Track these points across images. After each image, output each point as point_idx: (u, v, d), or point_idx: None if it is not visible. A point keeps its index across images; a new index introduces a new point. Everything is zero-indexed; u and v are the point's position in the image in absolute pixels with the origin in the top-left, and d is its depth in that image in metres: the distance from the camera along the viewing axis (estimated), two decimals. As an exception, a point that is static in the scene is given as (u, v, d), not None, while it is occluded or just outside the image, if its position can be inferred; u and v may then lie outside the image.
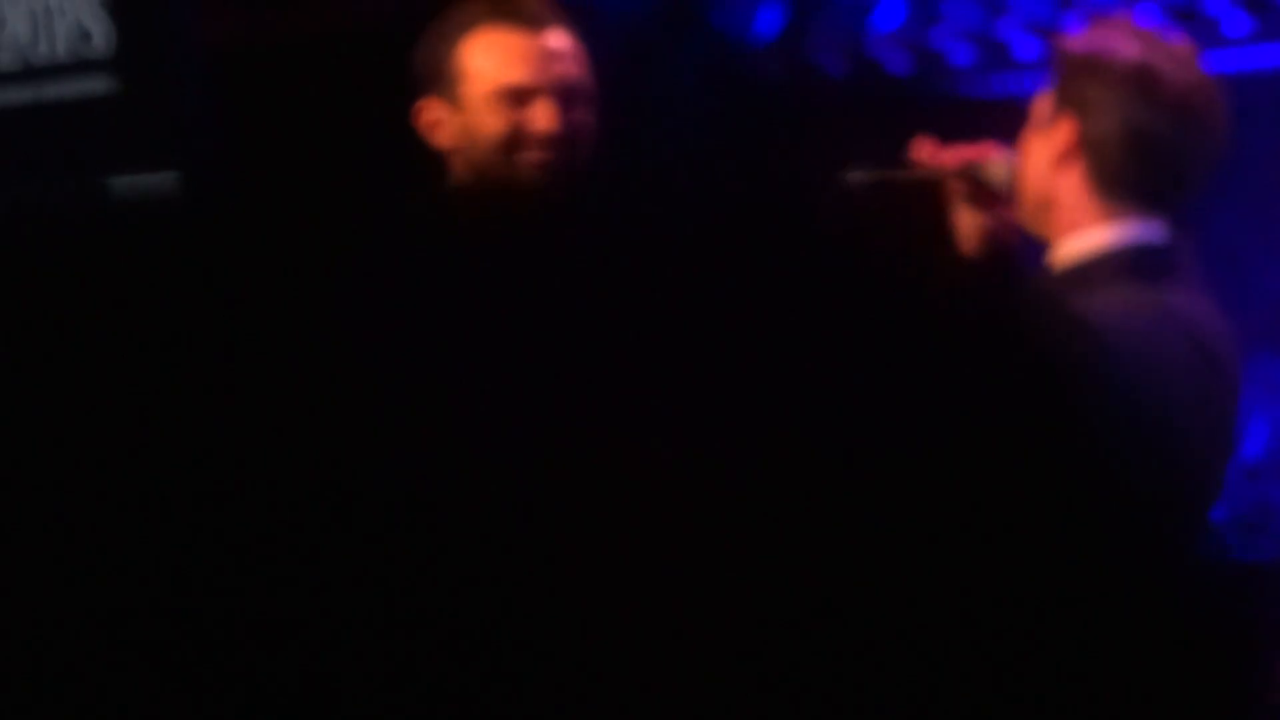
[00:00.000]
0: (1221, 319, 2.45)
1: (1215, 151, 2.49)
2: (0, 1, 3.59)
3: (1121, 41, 2.51)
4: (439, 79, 2.83)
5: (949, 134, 2.71)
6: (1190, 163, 2.48)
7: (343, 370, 0.62)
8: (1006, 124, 2.67)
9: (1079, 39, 2.56)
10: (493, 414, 0.62)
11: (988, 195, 2.61)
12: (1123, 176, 2.46)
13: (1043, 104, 2.54)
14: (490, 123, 2.81)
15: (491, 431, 0.62)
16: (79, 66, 3.53)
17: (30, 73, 3.59)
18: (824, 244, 0.66)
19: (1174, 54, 2.51)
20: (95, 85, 3.51)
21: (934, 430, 0.63)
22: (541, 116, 2.79)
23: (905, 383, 0.63)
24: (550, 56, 2.82)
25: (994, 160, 2.63)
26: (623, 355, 0.63)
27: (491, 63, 2.81)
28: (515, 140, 2.80)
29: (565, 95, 2.81)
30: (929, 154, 2.63)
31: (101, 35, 3.51)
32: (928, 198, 2.60)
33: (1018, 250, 2.57)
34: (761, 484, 0.62)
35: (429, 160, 2.81)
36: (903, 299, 0.65)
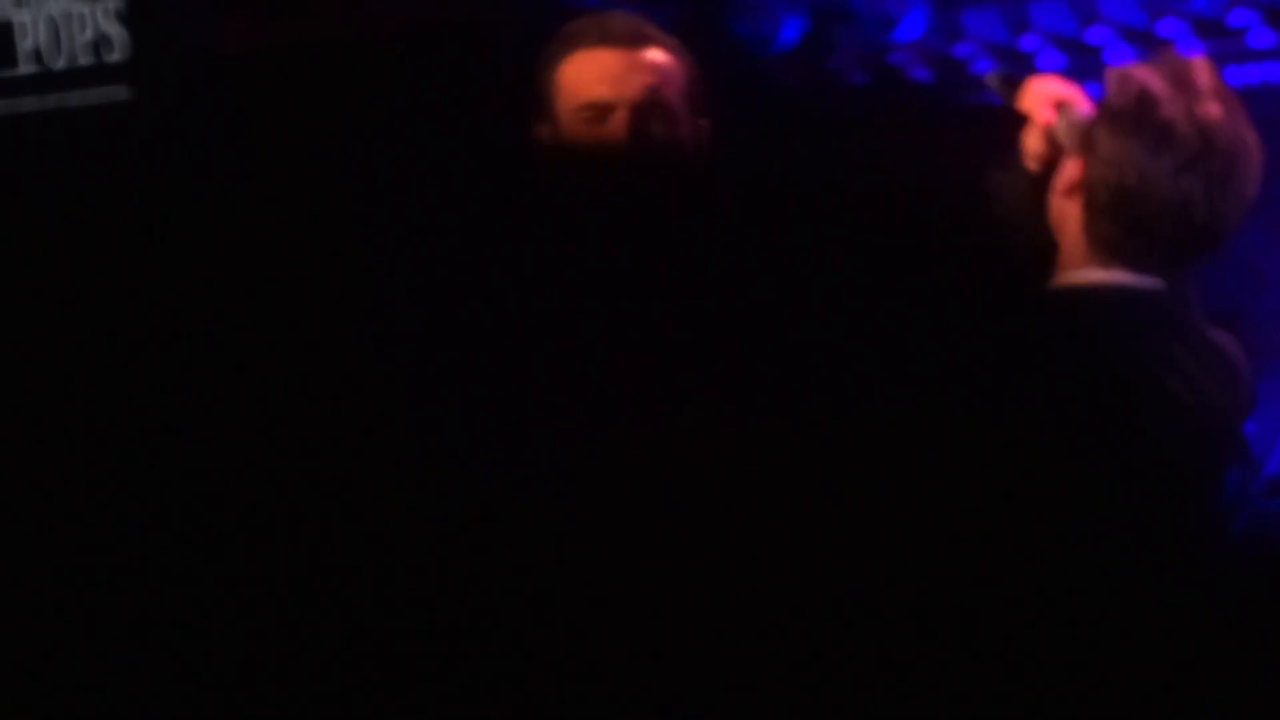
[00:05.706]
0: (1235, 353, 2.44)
1: (1235, 205, 2.43)
2: (20, 9, 3.60)
3: (1147, 87, 2.41)
4: (541, 99, 2.90)
5: (971, 145, 2.68)
6: (1197, 220, 2.40)
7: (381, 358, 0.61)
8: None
9: (1113, 74, 2.47)
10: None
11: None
12: (1107, 237, 2.42)
13: (1084, 125, 2.48)
14: (574, 138, 2.84)
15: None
16: (96, 74, 3.53)
17: (48, 80, 3.60)
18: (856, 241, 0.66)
19: (1202, 106, 2.41)
20: (111, 92, 3.51)
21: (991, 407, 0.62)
22: (616, 130, 2.82)
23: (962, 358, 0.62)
24: (635, 70, 2.86)
25: (1066, 113, 2.54)
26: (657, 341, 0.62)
27: (577, 80, 2.86)
28: (596, 154, 2.85)
29: (643, 110, 2.83)
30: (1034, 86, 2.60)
31: (118, 43, 3.52)
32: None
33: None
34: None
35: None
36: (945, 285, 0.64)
